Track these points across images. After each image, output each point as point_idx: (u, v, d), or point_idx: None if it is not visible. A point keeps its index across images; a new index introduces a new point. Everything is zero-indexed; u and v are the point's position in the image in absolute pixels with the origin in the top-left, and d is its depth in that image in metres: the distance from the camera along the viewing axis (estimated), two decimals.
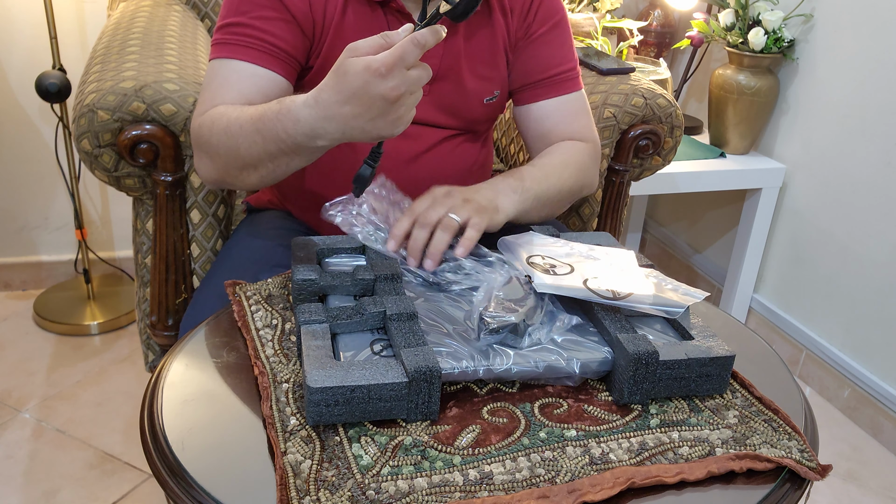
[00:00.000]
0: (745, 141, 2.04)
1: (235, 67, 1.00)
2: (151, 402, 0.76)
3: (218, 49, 1.01)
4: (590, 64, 1.49)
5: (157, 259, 1.19)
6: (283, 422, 0.71)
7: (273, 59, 1.00)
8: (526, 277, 0.85)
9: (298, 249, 0.92)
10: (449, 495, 0.65)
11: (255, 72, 0.99)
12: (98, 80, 1.14)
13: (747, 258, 2.09)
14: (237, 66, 1.00)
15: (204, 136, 0.97)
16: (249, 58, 0.99)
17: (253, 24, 0.99)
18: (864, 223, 1.83)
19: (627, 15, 2.29)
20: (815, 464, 0.72)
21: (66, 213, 2.13)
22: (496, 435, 0.72)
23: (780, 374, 0.88)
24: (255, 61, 0.99)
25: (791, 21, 1.93)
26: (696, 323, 0.84)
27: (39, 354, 1.91)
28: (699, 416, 0.77)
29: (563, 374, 0.78)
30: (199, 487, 0.66)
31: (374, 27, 1.04)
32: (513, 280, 0.84)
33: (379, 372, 0.71)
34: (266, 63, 1.00)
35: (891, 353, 1.79)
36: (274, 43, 1.00)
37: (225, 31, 1.01)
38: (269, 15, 1.00)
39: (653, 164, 1.40)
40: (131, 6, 1.49)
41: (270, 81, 1.00)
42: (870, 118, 1.79)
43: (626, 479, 0.67)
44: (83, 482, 1.54)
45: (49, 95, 1.76)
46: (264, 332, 0.84)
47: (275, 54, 1.00)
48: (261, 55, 1.00)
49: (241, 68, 1.00)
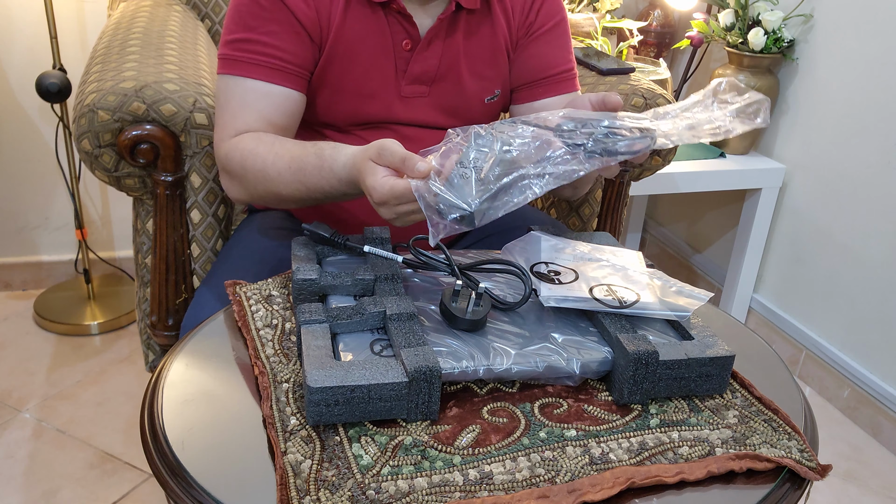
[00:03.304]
0: (744, 141, 2.04)
1: (250, 87, 1.01)
2: (151, 402, 0.76)
3: (229, 65, 1.01)
4: (590, 64, 1.49)
5: (157, 259, 1.19)
6: (284, 422, 0.71)
7: (285, 75, 1.01)
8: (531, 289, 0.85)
9: (298, 249, 0.92)
10: (449, 495, 0.65)
11: (269, 91, 1.01)
12: (98, 80, 1.14)
13: (747, 258, 2.09)
14: (251, 85, 1.00)
15: (236, 170, 1.00)
16: (262, 76, 1.00)
17: (262, 41, 1.00)
18: (864, 223, 1.83)
19: (627, 15, 2.29)
20: (815, 464, 0.72)
21: (66, 213, 2.14)
22: (496, 435, 0.72)
23: (779, 374, 0.88)
24: (267, 79, 1.00)
25: (791, 21, 1.93)
26: (696, 323, 0.84)
27: (40, 354, 1.91)
28: (699, 416, 0.77)
29: (563, 374, 0.78)
30: (199, 487, 0.66)
31: (376, 28, 1.04)
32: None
33: (379, 372, 0.71)
34: (279, 80, 1.01)
35: (891, 353, 1.80)
36: (284, 58, 1.01)
37: (234, 47, 1.01)
38: (278, 29, 1.00)
39: (653, 164, 1.40)
40: (131, 6, 1.50)
41: (285, 98, 1.02)
42: (870, 118, 1.79)
43: (626, 479, 0.67)
44: (83, 482, 1.54)
45: (49, 95, 1.76)
46: (264, 332, 0.85)
47: (286, 70, 1.01)
48: (273, 73, 1.00)
49: (256, 87, 1.00)
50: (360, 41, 1.04)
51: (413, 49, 1.06)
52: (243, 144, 0.99)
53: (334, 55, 1.04)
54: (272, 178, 0.96)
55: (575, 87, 1.16)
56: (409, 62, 1.06)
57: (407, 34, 1.05)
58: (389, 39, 1.05)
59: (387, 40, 1.05)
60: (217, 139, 1.04)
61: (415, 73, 1.07)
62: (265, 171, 0.96)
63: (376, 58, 1.05)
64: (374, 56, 1.05)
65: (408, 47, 1.06)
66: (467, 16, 1.07)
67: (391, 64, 1.06)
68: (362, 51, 1.04)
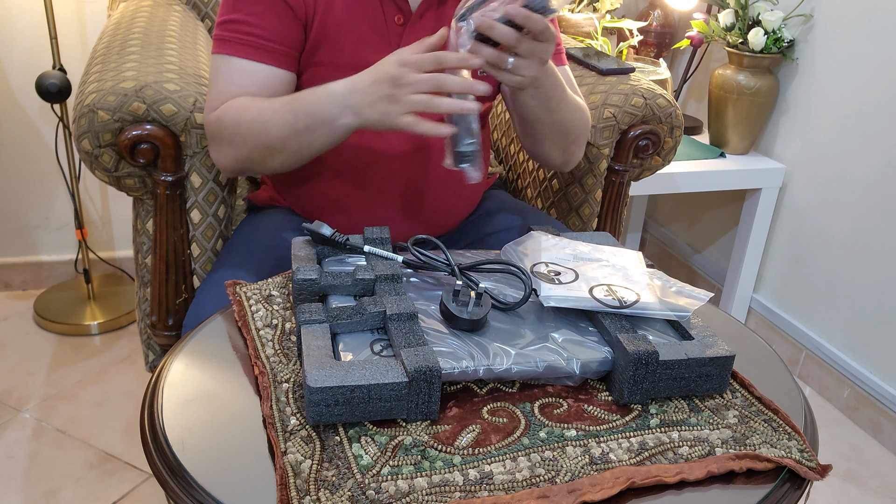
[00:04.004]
0: (744, 141, 2.04)
1: (237, 65, 1.04)
2: (151, 402, 0.76)
3: (219, 45, 1.05)
4: (590, 64, 1.49)
5: (157, 259, 1.19)
6: (284, 422, 0.71)
7: (269, 53, 1.04)
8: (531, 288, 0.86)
9: (298, 249, 0.92)
10: (449, 495, 0.65)
11: (254, 69, 1.04)
12: (98, 80, 1.14)
13: (747, 258, 2.09)
14: (237, 63, 1.04)
15: (228, 126, 1.03)
16: (247, 55, 1.04)
17: (248, 21, 1.03)
18: (864, 223, 1.83)
19: (627, 15, 2.29)
20: (815, 464, 0.72)
21: (66, 213, 2.14)
22: (496, 435, 0.72)
23: (779, 374, 0.88)
24: (252, 58, 1.04)
25: (791, 21, 1.93)
26: (696, 323, 0.84)
27: (40, 354, 1.91)
28: (699, 416, 0.77)
29: (563, 374, 0.78)
30: (199, 487, 0.66)
31: (367, 4, 1.05)
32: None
33: (379, 372, 0.71)
34: (263, 59, 1.04)
35: (891, 353, 1.80)
36: (269, 37, 1.03)
37: (224, 28, 1.05)
38: (262, 9, 1.03)
39: (653, 165, 1.40)
40: (131, 6, 1.50)
41: (271, 76, 1.05)
42: (870, 118, 1.79)
43: (626, 479, 0.67)
44: (83, 482, 1.54)
45: (49, 95, 1.76)
46: (264, 332, 0.85)
47: (270, 49, 1.04)
48: (257, 52, 1.04)
49: (242, 66, 1.04)
50: (352, 18, 1.06)
51: (405, 24, 1.07)
52: (238, 102, 1.03)
53: (325, 32, 1.05)
54: (266, 119, 0.99)
55: (563, 62, 1.19)
56: (402, 36, 1.07)
57: (398, 9, 1.07)
58: (381, 14, 1.06)
59: (378, 15, 1.06)
60: (205, 112, 1.07)
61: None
62: (261, 113, 0.99)
63: (368, 33, 1.06)
64: (366, 32, 1.06)
65: (399, 21, 1.07)
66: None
67: (384, 39, 1.07)
68: (354, 28, 1.06)
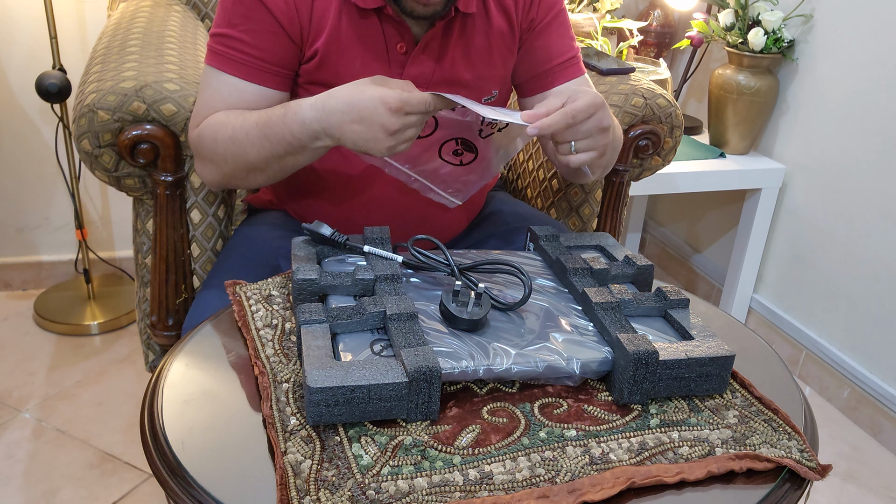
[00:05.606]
0: (744, 141, 2.04)
1: (225, 81, 1.03)
2: (151, 402, 0.76)
3: (211, 57, 1.04)
4: (590, 64, 1.49)
5: (157, 259, 1.19)
6: (284, 422, 0.71)
7: (260, 73, 1.03)
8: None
9: (298, 249, 0.92)
10: (449, 495, 0.65)
11: (244, 87, 1.03)
12: (98, 80, 1.14)
13: (747, 258, 2.09)
14: (226, 79, 1.03)
15: (207, 146, 1.02)
16: (237, 72, 1.03)
17: (241, 38, 1.02)
18: (864, 223, 1.83)
19: (627, 15, 2.29)
20: (815, 464, 0.72)
21: (66, 213, 2.14)
22: (496, 435, 0.72)
23: (779, 374, 0.88)
24: (241, 76, 1.03)
25: (791, 21, 1.93)
26: (696, 323, 0.84)
27: (39, 354, 1.91)
28: (699, 416, 0.77)
29: (563, 374, 0.78)
30: (199, 487, 0.66)
31: (370, 31, 1.04)
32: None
33: (379, 372, 0.71)
34: (253, 78, 1.03)
35: (891, 353, 1.80)
36: (260, 57, 1.02)
37: (216, 41, 1.04)
38: (256, 28, 1.02)
39: (653, 165, 1.40)
40: (131, 6, 1.50)
41: (259, 95, 1.04)
42: (870, 118, 1.79)
43: (626, 479, 0.67)
44: (83, 482, 1.54)
45: (49, 95, 1.76)
46: (264, 332, 0.85)
47: (261, 68, 1.03)
48: (248, 70, 1.03)
49: (230, 82, 1.03)
50: (354, 44, 1.04)
51: (408, 52, 1.06)
52: (214, 119, 1.02)
53: (327, 57, 1.04)
54: (240, 141, 0.98)
55: (581, 72, 1.18)
56: (406, 65, 1.06)
57: (401, 38, 1.05)
58: (383, 43, 1.05)
59: (380, 44, 1.05)
60: (190, 127, 1.07)
61: (411, 76, 1.07)
62: (234, 135, 0.99)
63: (371, 60, 1.05)
64: (368, 59, 1.05)
65: (402, 50, 1.06)
66: (463, 18, 1.07)
67: (386, 67, 1.06)
68: (356, 54, 1.05)
